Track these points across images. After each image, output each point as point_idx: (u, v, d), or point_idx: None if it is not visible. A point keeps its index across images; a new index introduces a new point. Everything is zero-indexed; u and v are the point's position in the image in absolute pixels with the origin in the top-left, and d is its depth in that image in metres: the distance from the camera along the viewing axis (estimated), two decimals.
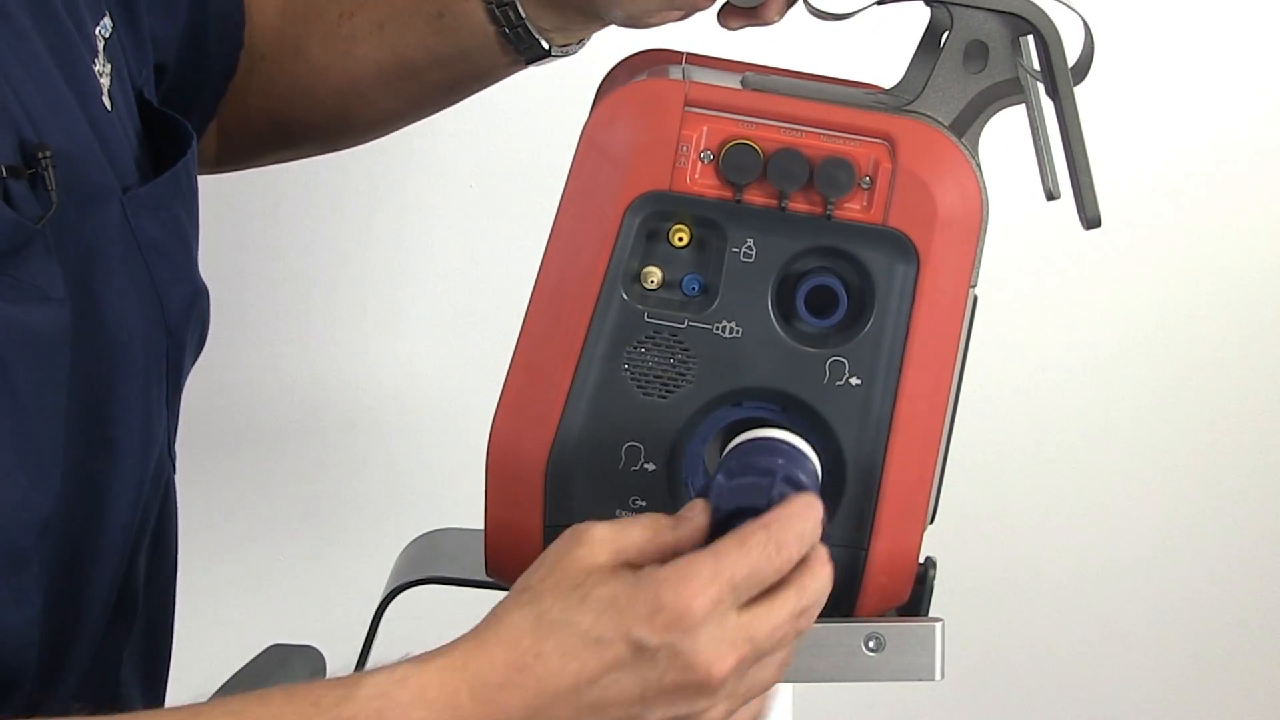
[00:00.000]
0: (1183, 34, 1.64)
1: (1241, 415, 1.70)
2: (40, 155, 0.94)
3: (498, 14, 1.13)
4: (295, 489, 1.66)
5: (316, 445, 1.65)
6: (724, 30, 1.10)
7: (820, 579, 0.91)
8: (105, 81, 1.02)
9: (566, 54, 1.16)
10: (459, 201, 1.63)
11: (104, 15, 1.04)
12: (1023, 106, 1.03)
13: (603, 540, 0.90)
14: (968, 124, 1.02)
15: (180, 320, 1.03)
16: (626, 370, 1.00)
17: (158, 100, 1.12)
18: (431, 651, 0.89)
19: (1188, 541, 1.72)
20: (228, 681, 1.11)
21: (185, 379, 1.07)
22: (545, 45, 1.14)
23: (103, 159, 0.99)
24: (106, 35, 1.04)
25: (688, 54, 1.12)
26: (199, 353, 1.08)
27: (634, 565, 0.90)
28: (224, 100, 1.20)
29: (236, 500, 1.65)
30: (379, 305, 1.64)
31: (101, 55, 1.03)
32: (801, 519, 0.90)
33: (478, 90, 1.21)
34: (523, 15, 1.13)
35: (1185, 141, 1.66)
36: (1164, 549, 1.72)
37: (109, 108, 1.02)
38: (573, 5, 1.12)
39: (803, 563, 0.91)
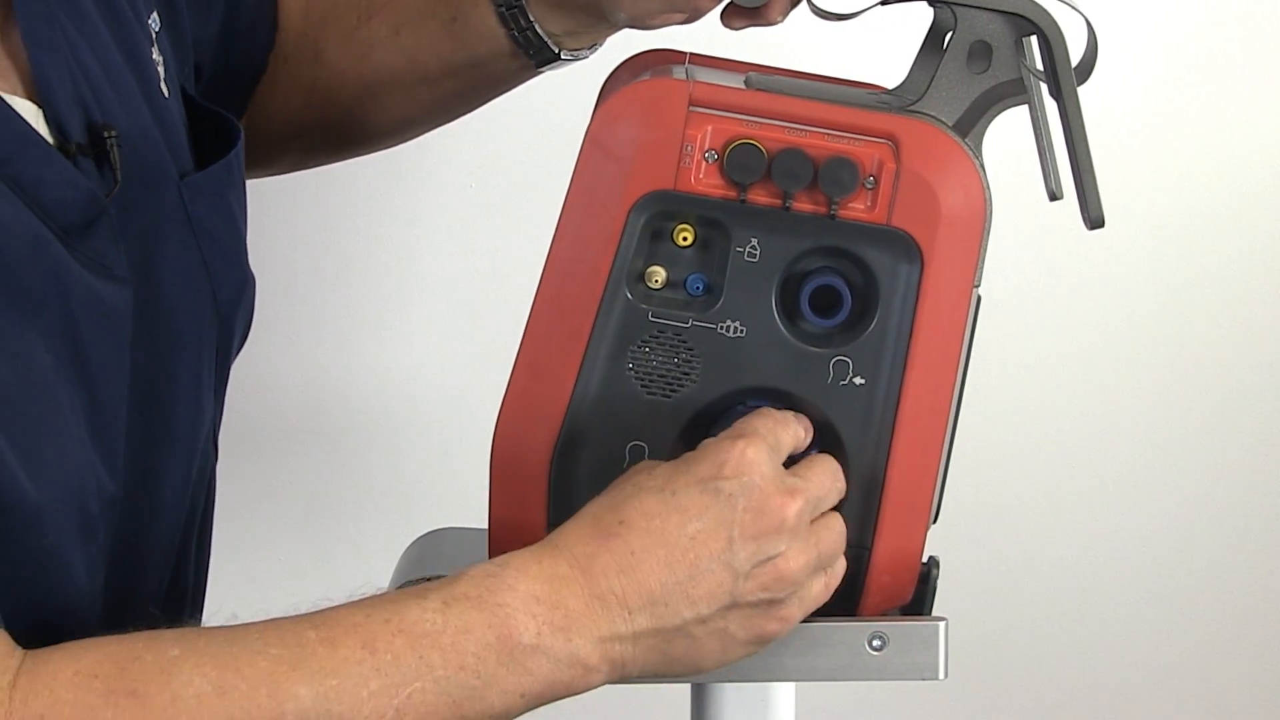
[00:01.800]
0: (1185, 34, 1.64)
1: (1243, 416, 1.70)
2: (106, 135, 0.95)
3: (507, 18, 1.13)
4: (298, 489, 1.66)
5: (319, 445, 1.65)
6: (727, 30, 1.10)
7: (833, 461, 0.99)
8: (160, 71, 1.03)
9: (577, 58, 1.16)
10: (460, 202, 1.63)
11: (153, 10, 1.06)
12: (1026, 107, 1.03)
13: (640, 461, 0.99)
14: (971, 124, 1.02)
15: (230, 307, 1.04)
16: (630, 370, 1.00)
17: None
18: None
19: (1189, 541, 1.72)
20: None
21: (230, 370, 1.08)
22: (555, 49, 1.15)
23: (161, 143, 1.01)
24: (156, 30, 1.05)
25: (691, 54, 1.12)
26: (243, 344, 1.09)
27: None
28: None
29: (239, 500, 1.65)
30: (381, 305, 1.64)
31: (155, 47, 1.04)
32: (800, 416, 0.99)
33: (491, 98, 1.21)
34: (531, 19, 1.13)
35: (1188, 141, 1.66)
36: (1166, 549, 1.72)
37: (165, 95, 1.03)
38: (578, 6, 1.12)
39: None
